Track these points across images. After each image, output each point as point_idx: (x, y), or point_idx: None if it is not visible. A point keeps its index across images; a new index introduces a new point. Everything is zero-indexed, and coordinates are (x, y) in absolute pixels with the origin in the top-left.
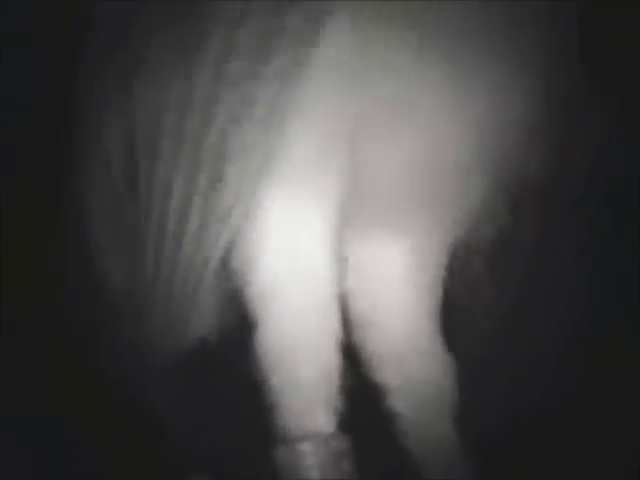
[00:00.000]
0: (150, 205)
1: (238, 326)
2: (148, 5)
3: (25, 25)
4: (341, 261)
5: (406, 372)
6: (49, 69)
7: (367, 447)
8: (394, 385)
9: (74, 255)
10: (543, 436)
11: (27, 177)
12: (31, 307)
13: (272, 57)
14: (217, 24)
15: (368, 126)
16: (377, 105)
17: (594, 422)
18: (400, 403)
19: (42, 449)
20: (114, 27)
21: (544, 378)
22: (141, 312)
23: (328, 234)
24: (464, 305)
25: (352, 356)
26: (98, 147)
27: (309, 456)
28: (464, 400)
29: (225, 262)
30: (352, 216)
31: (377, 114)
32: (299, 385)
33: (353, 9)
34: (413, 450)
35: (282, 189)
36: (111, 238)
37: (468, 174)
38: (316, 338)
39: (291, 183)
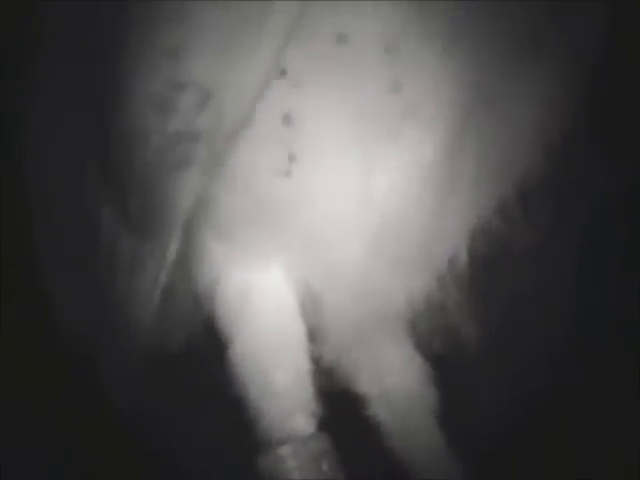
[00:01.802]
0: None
1: (210, 342)
2: None
3: None
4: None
5: (383, 381)
6: None
7: (353, 446)
8: (373, 394)
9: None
10: (539, 437)
11: None
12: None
13: None
14: None
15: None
16: None
17: (592, 423)
18: (381, 411)
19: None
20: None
21: (541, 379)
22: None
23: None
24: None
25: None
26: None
27: (289, 459)
28: (459, 402)
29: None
30: None
31: None
32: (274, 393)
33: None
34: (399, 452)
35: None
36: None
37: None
38: (285, 348)
39: None
